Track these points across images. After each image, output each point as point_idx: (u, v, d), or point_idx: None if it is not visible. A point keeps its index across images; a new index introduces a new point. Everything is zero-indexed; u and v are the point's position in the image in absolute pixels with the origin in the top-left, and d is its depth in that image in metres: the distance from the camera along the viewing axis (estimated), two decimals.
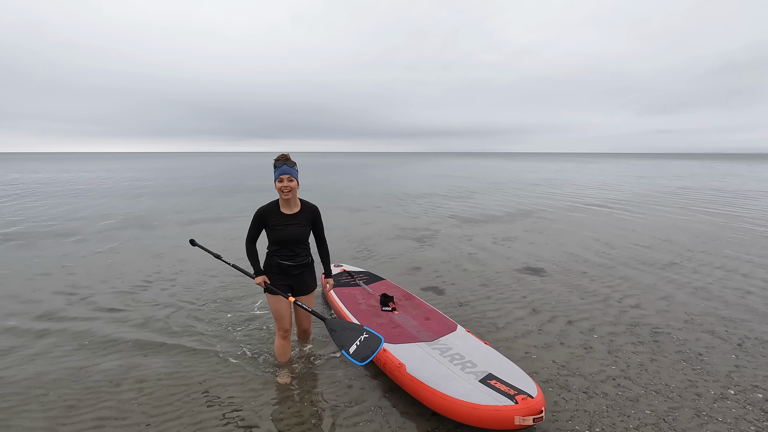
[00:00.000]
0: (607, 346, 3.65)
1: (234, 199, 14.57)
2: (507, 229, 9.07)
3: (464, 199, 14.70)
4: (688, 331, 3.94)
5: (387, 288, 4.41)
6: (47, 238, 8.00)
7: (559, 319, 4.26)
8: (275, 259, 2.94)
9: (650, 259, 6.49)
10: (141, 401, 2.87)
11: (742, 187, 19.16)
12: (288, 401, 2.89)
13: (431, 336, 3.26)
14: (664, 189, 18.42)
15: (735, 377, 3.15)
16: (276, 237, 2.88)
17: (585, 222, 9.90)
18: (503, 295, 4.92)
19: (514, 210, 11.90)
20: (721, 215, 10.86)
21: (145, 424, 2.62)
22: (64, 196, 15.25)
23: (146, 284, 5.31)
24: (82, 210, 11.76)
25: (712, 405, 2.81)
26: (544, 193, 16.83)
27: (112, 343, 3.72)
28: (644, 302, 4.69)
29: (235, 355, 3.48)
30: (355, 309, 3.82)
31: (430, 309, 3.82)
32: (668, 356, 3.48)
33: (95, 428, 2.60)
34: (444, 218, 10.42)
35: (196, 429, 2.58)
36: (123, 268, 6.03)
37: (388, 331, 3.36)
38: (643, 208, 12.31)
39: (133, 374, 3.21)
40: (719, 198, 14.84)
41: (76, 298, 4.82)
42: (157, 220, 10.18)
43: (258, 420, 2.68)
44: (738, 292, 5.00)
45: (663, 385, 3.05)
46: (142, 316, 4.29)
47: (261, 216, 2.87)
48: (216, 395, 2.94)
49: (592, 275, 5.70)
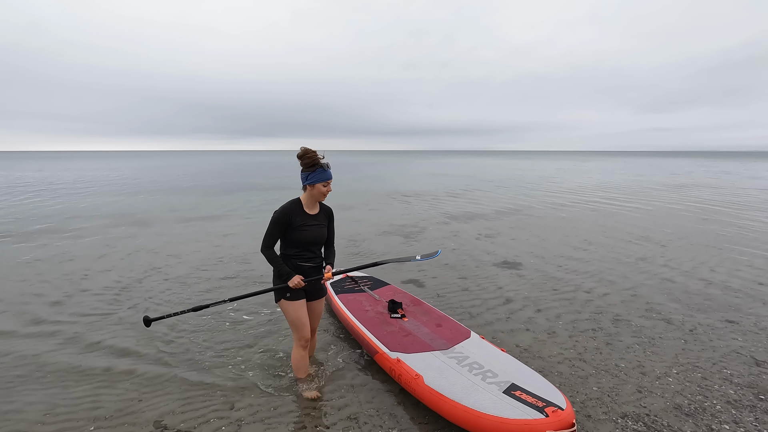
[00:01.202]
0: (569, 332, 3.94)
1: (230, 198, 14.82)
2: (492, 225, 9.37)
3: (455, 197, 14.99)
4: (646, 319, 4.23)
5: (393, 293, 4.20)
6: (89, 233, 8.25)
7: (529, 308, 4.54)
8: (294, 262, 2.77)
9: (624, 254, 6.79)
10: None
11: (734, 185, 19.51)
12: (324, 418, 2.73)
13: (445, 344, 3.10)
14: (656, 187, 18.76)
15: (680, 359, 3.45)
16: (300, 238, 2.71)
17: (569, 219, 10.20)
18: (479, 287, 5.20)
19: (502, 208, 12.20)
20: (705, 211, 11.18)
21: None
22: (85, 194, 15.46)
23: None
24: (106, 205, 12.00)
25: (654, 382, 3.10)
26: (535, 190, 17.14)
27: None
28: (611, 293, 4.99)
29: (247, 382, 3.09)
30: (363, 317, 3.62)
31: (440, 315, 3.65)
32: (623, 340, 3.77)
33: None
34: (433, 216, 10.70)
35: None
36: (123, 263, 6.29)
37: (400, 340, 3.20)
38: (629, 205, 12.63)
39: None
40: (709, 195, 15.18)
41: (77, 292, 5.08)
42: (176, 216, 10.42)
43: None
44: (701, 283, 5.30)
45: (613, 366, 3.34)
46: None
47: (285, 216, 2.65)
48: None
49: (567, 268, 5.99)
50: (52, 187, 18.60)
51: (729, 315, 4.33)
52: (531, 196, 15.26)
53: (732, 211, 11.32)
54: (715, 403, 2.84)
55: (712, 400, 2.88)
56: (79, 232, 8.59)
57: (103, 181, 21.74)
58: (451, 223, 9.62)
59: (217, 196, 15.10)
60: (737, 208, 12.05)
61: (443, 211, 11.42)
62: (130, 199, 14.14)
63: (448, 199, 14.18)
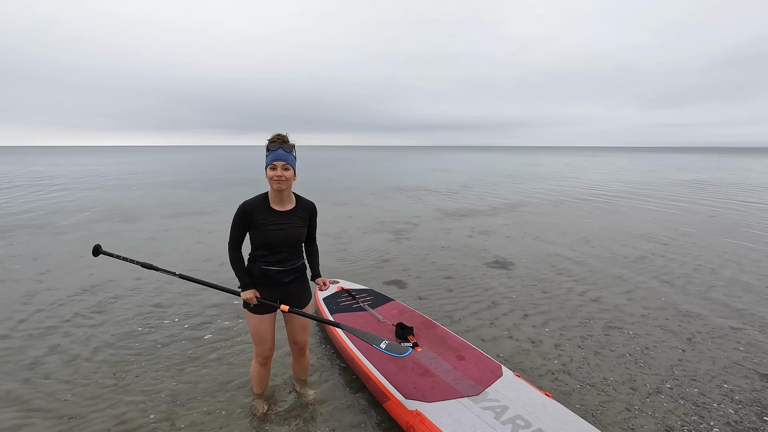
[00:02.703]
0: (555, 340, 3.63)
1: (223, 193, 14.57)
2: (487, 222, 9.03)
3: (453, 193, 14.64)
4: (641, 326, 3.91)
5: (399, 313, 3.53)
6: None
7: (515, 312, 4.24)
8: (258, 266, 2.36)
9: (622, 254, 6.44)
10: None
11: (744, 182, 18.98)
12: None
13: (474, 387, 2.48)
14: (664, 182, 18.28)
15: (676, 371, 3.13)
16: (263, 239, 2.30)
17: (568, 216, 9.84)
18: (464, 289, 4.89)
19: (499, 204, 11.85)
20: (710, 210, 10.77)
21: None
22: (114, 188, 15.31)
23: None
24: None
25: (645, 399, 2.79)
26: (537, 186, 16.74)
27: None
28: (605, 296, 4.66)
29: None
30: (367, 347, 2.93)
31: (460, 342, 3.04)
32: (614, 350, 3.46)
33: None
34: (427, 212, 10.38)
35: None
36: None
37: (417, 381, 2.55)
38: (631, 201, 12.23)
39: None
40: (715, 192, 14.72)
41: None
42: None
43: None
44: (702, 287, 4.96)
45: (600, 379, 3.03)
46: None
47: (244, 212, 2.27)
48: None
49: (560, 269, 5.66)
50: (73, 181, 18.47)
51: (731, 321, 4.00)
52: (528, 191, 14.87)
53: (740, 211, 10.89)
54: (713, 425, 2.53)
55: (709, 421, 2.57)
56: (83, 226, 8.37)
57: (124, 174, 21.60)
58: (444, 220, 9.30)
59: (214, 191, 14.86)
60: (747, 207, 11.61)
61: (437, 207, 11.09)
62: (154, 191, 13.95)
63: (444, 195, 13.83)
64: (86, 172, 24.29)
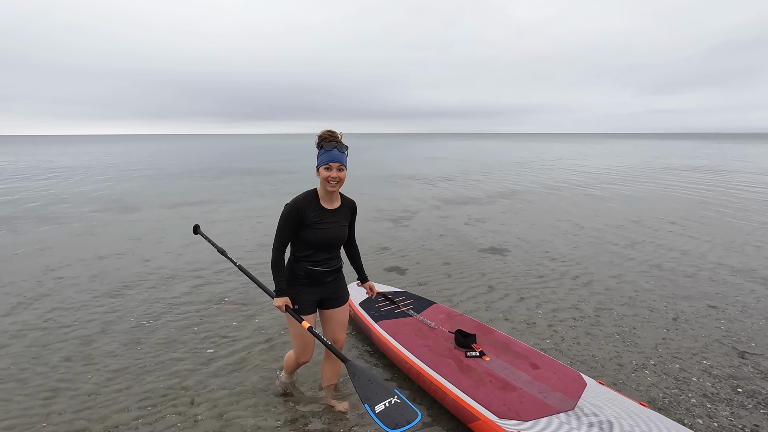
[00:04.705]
0: (549, 321, 3.84)
1: (222, 182, 14.65)
2: (484, 210, 9.21)
3: (450, 181, 14.79)
4: (629, 307, 4.12)
5: (448, 317, 3.30)
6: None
7: (511, 296, 4.44)
8: (304, 265, 2.26)
9: (615, 239, 6.65)
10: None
11: (740, 167, 19.22)
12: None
13: (565, 400, 2.27)
14: (662, 168, 18.49)
15: (660, 349, 3.34)
16: (314, 238, 2.21)
17: (563, 203, 10.04)
18: (462, 274, 5.09)
19: (496, 192, 12.02)
20: (702, 195, 10.99)
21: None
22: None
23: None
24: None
25: (630, 375, 3.00)
26: (533, 174, 16.90)
27: None
28: (596, 280, 4.87)
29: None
30: (430, 359, 2.69)
31: (526, 348, 2.84)
32: (603, 330, 3.67)
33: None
34: (424, 200, 10.55)
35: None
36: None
37: (500, 395, 2.31)
38: (629, 188, 12.44)
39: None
40: (709, 178, 14.94)
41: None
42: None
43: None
44: (689, 270, 5.18)
45: (589, 357, 3.24)
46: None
47: (298, 210, 2.17)
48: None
49: (554, 255, 5.86)
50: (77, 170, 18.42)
51: (715, 302, 4.22)
52: (527, 179, 15.03)
53: (732, 195, 11.12)
54: (690, 397, 2.75)
55: (688, 394, 2.78)
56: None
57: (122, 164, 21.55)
58: (441, 208, 9.47)
59: (213, 180, 14.93)
60: (738, 191, 11.84)
61: (435, 195, 11.26)
62: (145, 183, 14.01)
63: (442, 183, 13.99)
64: (75, 164, 24.19)
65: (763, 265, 5.34)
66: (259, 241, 6.60)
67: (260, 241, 6.60)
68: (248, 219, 8.34)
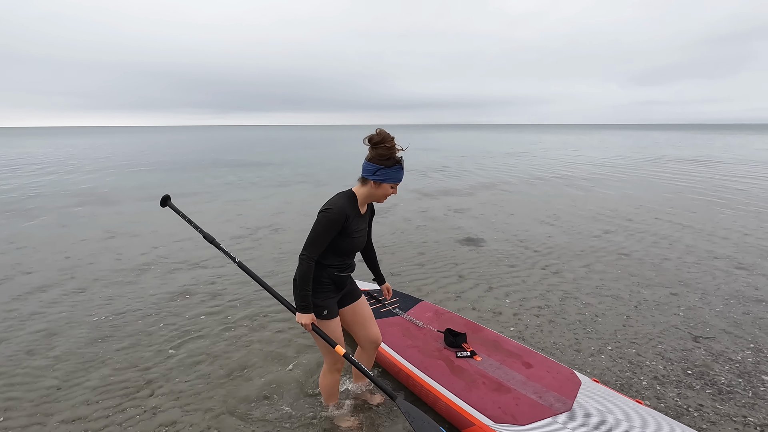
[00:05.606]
0: (515, 310, 3.92)
1: (203, 175, 14.48)
2: (464, 201, 9.29)
3: (435, 172, 14.86)
4: (594, 296, 4.23)
5: (435, 315, 3.20)
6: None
7: (481, 286, 4.51)
8: (330, 272, 2.11)
9: (589, 228, 6.78)
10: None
11: (718, 159, 19.61)
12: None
13: (561, 400, 2.22)
14: (646, 158, 18.78)
15: (619, 335, 3.45)
16: (349, 245, 2.07)
17: (543, 194, 10.16)
18: (435, 265, 5.15)
19: (479, 183, 12.11)
20: (681, 185, 11.22)
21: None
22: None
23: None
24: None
25: (587, 359, 3.10)
26: (516, 165, 17.04)
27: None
28: (566, 269, 4.97)
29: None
30: (420, 361, 2.59)
31: (517, 346, 2.77)
32: (566, 318, 3.76)
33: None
34: (406, 192, 10.57)
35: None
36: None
37: (494, 397, 2.26)
38: (612, 179, 12.62)
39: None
40: (691, 168, 15.24)
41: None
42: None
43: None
44: (657, 258, 5.32)
45: (550, 344, 3.32)
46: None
47: (341, 218, 1.98)
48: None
49: (528, 244, 5.96)
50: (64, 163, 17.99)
51: (677, 289, 4.35)
52: (509, 170, 15.14)
53: (707, 184, 11.36)
54: (642, 379, 2.85)
55: (640, 377, 2.88)
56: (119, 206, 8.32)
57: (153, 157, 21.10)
58: (422, 199, 9.52)
59: (195, 173, 14.74)
60: (712, 180, 12.10)
61: (416, 187, 11.30)
62: (147, 176, 13.76)
63: (425, 175, 14.05)
64: (60, 155, 23.67)
65: (728, 252, 5.50)
66: (236, 233, 6.58)
67: (236, 233, 6.57)
68: (226, 212, 8.28)
